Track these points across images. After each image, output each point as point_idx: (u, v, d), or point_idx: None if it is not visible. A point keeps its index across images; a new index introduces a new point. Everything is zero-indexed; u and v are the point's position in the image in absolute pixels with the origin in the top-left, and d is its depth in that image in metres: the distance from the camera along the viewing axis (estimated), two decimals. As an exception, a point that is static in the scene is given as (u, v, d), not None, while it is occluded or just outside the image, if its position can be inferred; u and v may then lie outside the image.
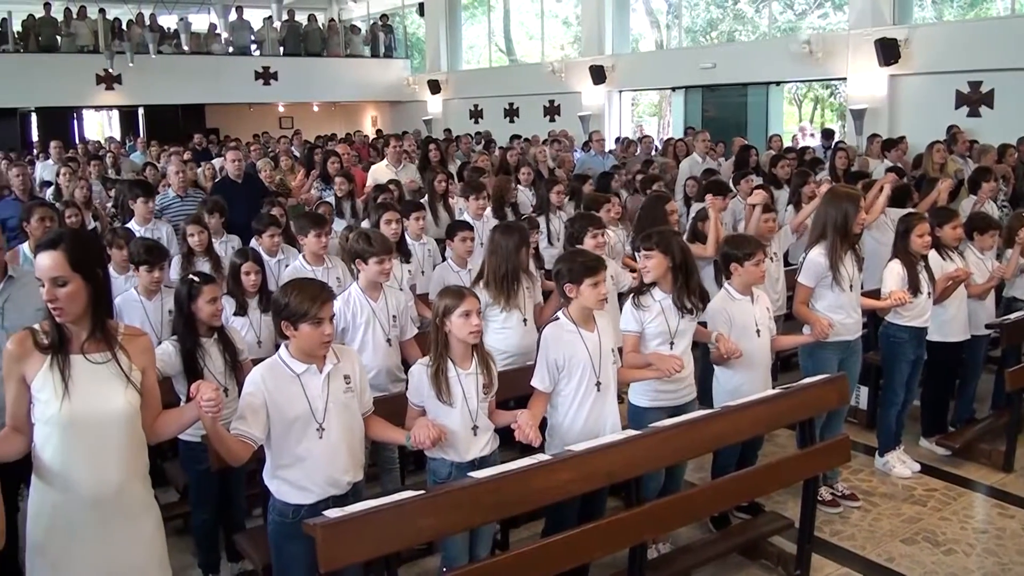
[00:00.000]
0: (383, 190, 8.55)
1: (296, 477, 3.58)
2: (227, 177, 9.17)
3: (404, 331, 5.26)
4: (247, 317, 5.51)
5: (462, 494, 3.63)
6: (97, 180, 11.17)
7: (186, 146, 16.51)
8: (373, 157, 14.78)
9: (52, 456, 3.09)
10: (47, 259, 3.01)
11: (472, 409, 4.00)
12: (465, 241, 6.19)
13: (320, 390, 3.58)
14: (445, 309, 3.95)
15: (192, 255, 6.50)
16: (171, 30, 23.45)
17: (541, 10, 23.59)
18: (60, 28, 21.97)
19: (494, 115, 23.22)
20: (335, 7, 28.82)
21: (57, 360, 3.06)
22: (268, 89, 23.98)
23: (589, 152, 14.13)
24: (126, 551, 3.20)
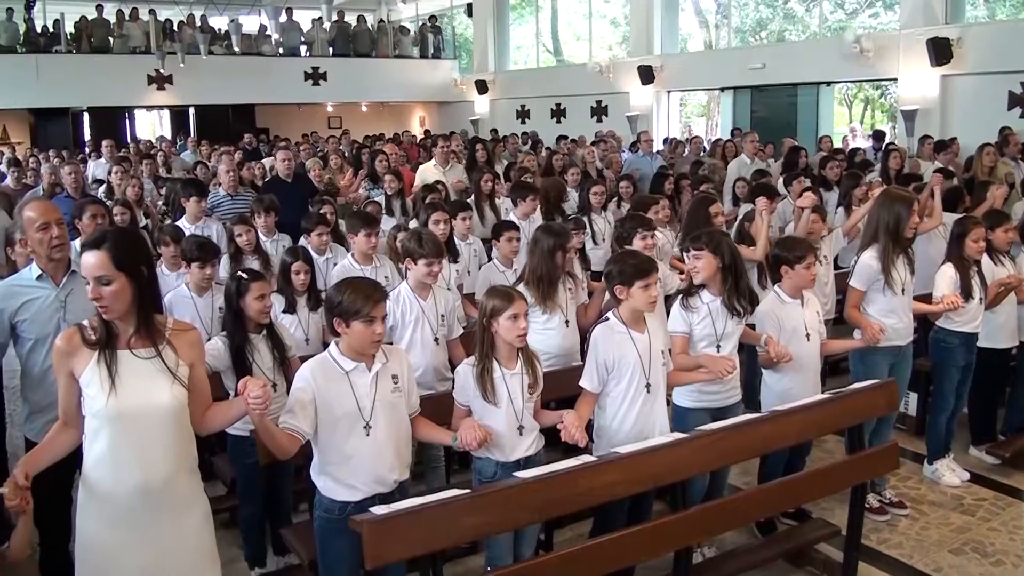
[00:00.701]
0: (431, 190, 8.60)
1: (343, 474, 3.62)
2: (277, 176, 9.28)
3: (452, 330, 5.29)
4: (296, 315, 5.57)
5: (507, 494, 3.64)
6: (148, 178, 11.36)
7: (236, 145, 16.71)
8: (421, 157, 14.86)
9: (100, 448, 3.16)
10: (91, 258, 3.08)
11: (517, 409, 4.00)
12: (511, 241, 6.20)
13: (368, 388, 3.61)
14: (493, 310, 3.96)
15: (240, 254, 6.58)
16: (222, 31, 23.73)
17: (589, 10, 23.52)
18: (112, 30, 22.32)
19: (541, 115, 23.21)
20: (384, 8, 28.98)
21: (104, 356, 3.12)
22: (317, 89, 24.17)
23: (637, 153, 14.08)
24: (174, 542, 3.25)
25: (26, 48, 21.67)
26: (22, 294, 4.10)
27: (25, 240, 4.23)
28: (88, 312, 3.71)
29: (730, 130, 17.16)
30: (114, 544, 3.19)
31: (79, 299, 4.10)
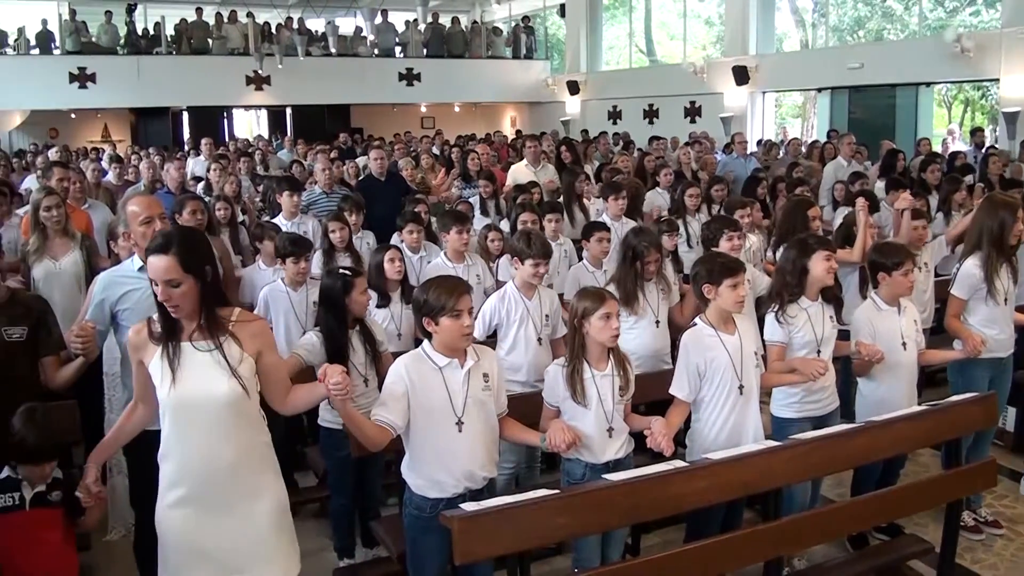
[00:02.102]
0: (523, 190, 8.62)
1: (434, 471, 3.66)
2: (371, 175, 9.42)
3: (555, 330, 5.27)
4: (389, 309, 5.64)
5: (597, 496, 3.64)
6: (246, 176, 11.59)
7: (332, 144, 16.97)
8: (512, 157, 14.89)
9: (168, 434, 3.32)
10: (160, 262, 3.19)
11: (607, 411, 3.99)
12: (601, 242, 6.17)
13: (460, 385, 3.65)
14: (584, 311, 3.95)
15: (333, 250, 6.68)
16: (319, 33, 24.10)
17: (684, 10, 23.31)
18: (211, 31, 22.92)
19: (633, 116, 23.05)
20: (478, 9, 29.12)
21: (168, 348, 3.25)
22: (411, 90, 24.42)
23: (731, 155, 13.91)
24: (244, 528, 3.35)
25: (127, 50, 22.42)
26: (123, 284, 4.22)
27: (128, 233, 4.35)
28: None
29: (826, 132, 16.82)
30: (186, 524, 3.32)
31: None
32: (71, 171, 7.80)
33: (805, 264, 4.65)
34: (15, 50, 22.05)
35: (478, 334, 4.81)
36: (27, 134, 24.23)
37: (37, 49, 21.97)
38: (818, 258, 4.64)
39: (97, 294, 4.26)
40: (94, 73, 21.38)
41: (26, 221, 6.43)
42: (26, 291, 5.05)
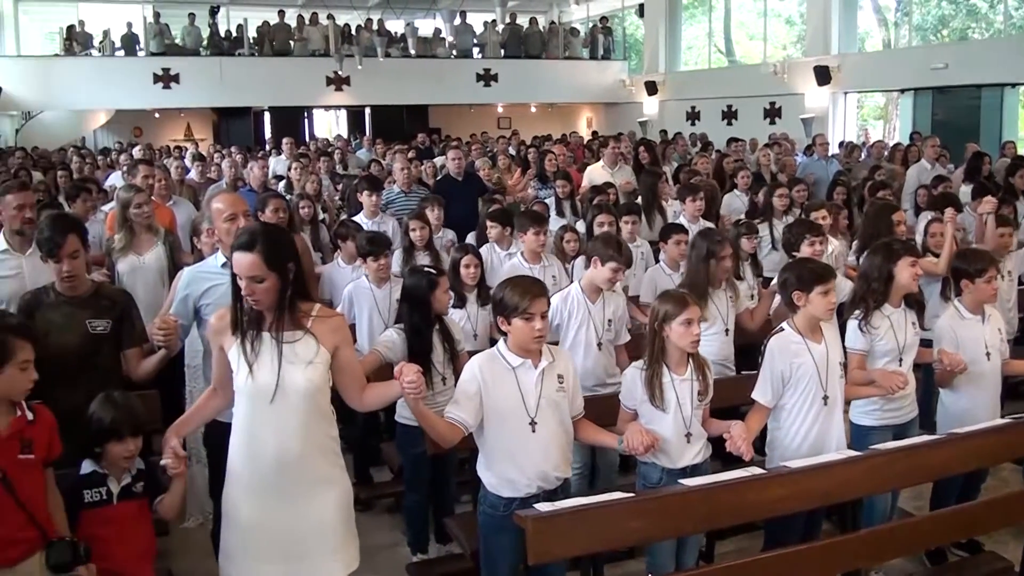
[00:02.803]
0: (600, 191, 8.59)
1: (508, 470, 3.67)
2: (448, 175, 9.48)
3: (619, 336, 5.23)
4: (465, 310, 5.66)
5: (673, 500, 3.62)
6: (326, 175, 11.74)
7: (410, 144, 17.12)
8: (588, 158, 14.85)
9: (241, 421, 3.39)
10: (245, 259, 3.24)
11: (686, 416, 3.95)
12: (679, 244, 6.11)
13: (533, 385, 3.65)
14: (666, 314, 3.92)
15: (413, 249, 6.72)
16: (398, 34, 24.35)
17: (764, 9, 23.01)
18: (293, 33, 23.30)
19: (711, 117, 22.80)
20: (556, 10, 29.09)
21: (248, 337, 3.31)
22: (488, 90, 24.50)
23: (812, 156, 13.67)
24: (308, 517, 3.40)
25: (210, 51, 22.93)
26: (207, 280, 4.30)
27: (212, 230, 4.44)
28: None
29: (908, 134, 16.45)
30: (252, 510, 3.39)
31: None
32: (156, 169, 7.98)
33: (890, 270, 4.55)
34: (101, 52, 22.72)
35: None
36: (112, 132, 25.03)
37: (122, 51, 22.63)
38: (903, 264, 4.54)
39: (181, 289, 4.35)
40: (177, 74, 21.88)
41: (111, 217, 6.59)
42: (111, 285, 5.17)
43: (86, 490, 3.50)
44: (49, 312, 4.13)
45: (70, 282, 4.15)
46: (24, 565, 3.21)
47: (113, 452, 3.51)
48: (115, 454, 3.51)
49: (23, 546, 3.21)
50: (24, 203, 5.12)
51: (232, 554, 3.45)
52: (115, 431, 3.50)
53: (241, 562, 3.42)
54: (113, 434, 3.50)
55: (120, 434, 3.51)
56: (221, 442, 4.31)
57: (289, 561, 3.38)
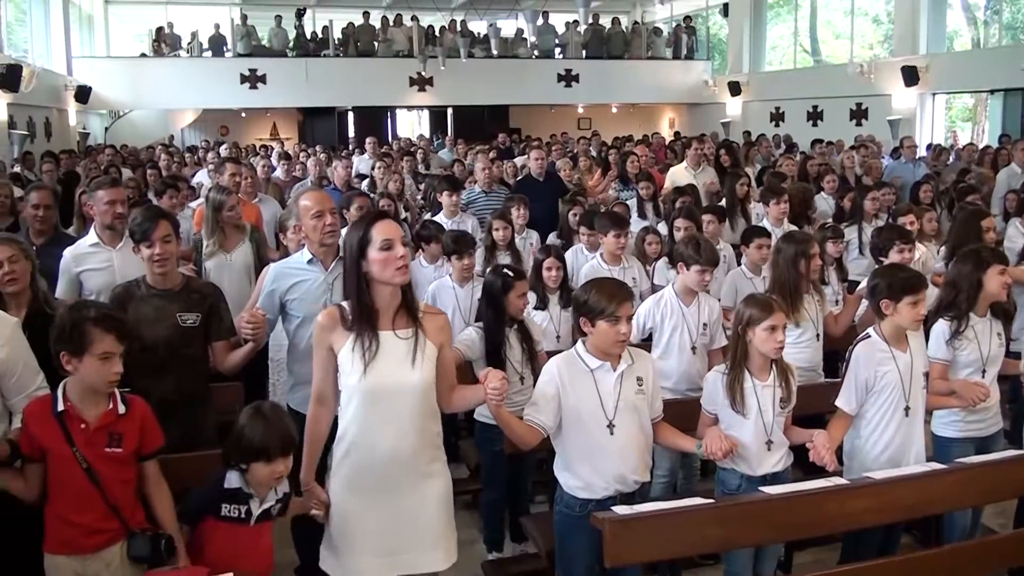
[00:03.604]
0: (682, 193, 8.52)
1: (585, 472, 3.66)
2: (529, 175, 9.49)
3: (714, 340, 5.15)
4: (547, 311, 5.66)
5: (752, 508, 3.58)
6: (408, 174, 11.83)
7: (491, 144, 17.18)
8: (670, 159, 14.74)
9: (352, 418, 3.41)
10: (394, 227, 3.36)
11: (767, 422, 3.90)
12: (761, 248, 6.03)
13: (612, 388, 3.64)
14: (750, 319, 3.87)
15: (495, 248, 6.75)
16: (480, 35, 24.46)
17: (851, 7, 22.52)
18: (377, 34, 23.60)
19: (796, 118, 22.40)
20: (639, 10, 28.92)
21: (363, 336, 3.34)
22: (569, 91, 24.44)
23: (899, 159, 13.38)
24: (414, 511, 3.45)
25: (296, 52, 23.30)
26: (293, 276, 4.40)
27: (299, 226, 4.51)
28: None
29: (998, 136, 15.98)
30: (358, 505, 3.44)
31: None
32: (243, 167, 8.14)
33: (979, 278, 4.42)
34: (189, 53, 23.30)
35: (632, 338, 4.77)
36: (199, 131, 25.64)
37: (210, 52, 23.18)
38: (992, 273, 4.41)
39: (268, 284, 4.45)
40: (264, 74, 22.33)
41: (199, 213, 6.75)
42: (200, 279, 5.29)
43: (225, 503, 3.40)
44: (140, 305, 4.22)
45: (162, 267, 4.22)
46: (104, 553, 3.28)
47: (259, 473, 3.38)
48: (262, 475, 3.39)
49: (105, 535, 3.28)
50: (115, 199, 5.25)
51: (336, 547, 3.52)
52: (264, 451, 3.35)
53: (346, 555, 3.49)
54: (262, 454, 3.36)
55: (269, 455, 3.36)
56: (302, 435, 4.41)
57: (393, 553, 3.44)
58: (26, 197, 6.09)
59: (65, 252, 5.20)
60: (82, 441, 3.21)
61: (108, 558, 3.29)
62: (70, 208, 7.41)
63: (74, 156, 14.51)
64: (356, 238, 3.36)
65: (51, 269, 5.01)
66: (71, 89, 20.70)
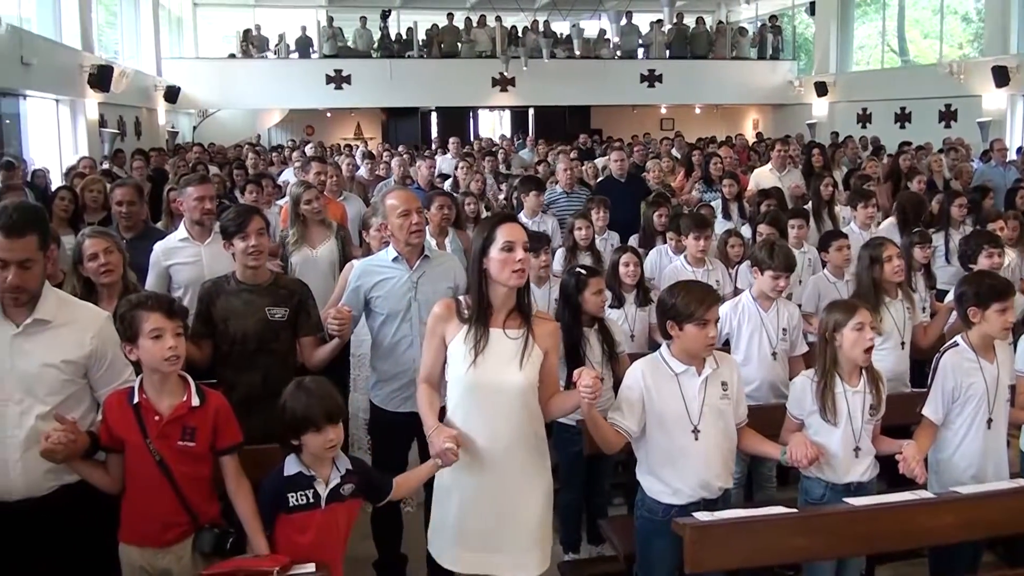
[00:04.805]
0: (767, 195, 8.39)
1: (669, 477, 3.63)
2: (611, 176, 9.46)
3: (794, 346, 5.07)
4: (623, 310, 5.62)
5: (836, 519, 3.52)
6: (490, 174, 11.89)
7: (572, 145, 17.16)
8: (754, 161, 14.56)
9: (455, 410, 3.52)
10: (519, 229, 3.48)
11: (855, 430, 3.81)
12: (841, 250, 5.92)
13: (697, 392, 3.60)
14: (836, 323, 3.80)
15: (576, 248, 6.73)
16: (563, 36, 24.47)
17: (940, 6, 21.97)
18: (461, 35, 23.77)
19: (883, 119, 21.91)
20: (723, 9, 28.63)
21: (475, 330, 3.42)
22: (652, 91, 24.26)
23: (989, 163, 13.01)
24: (512, 509, 3.50)
25: (381, 53, 23.65)
26: (378, 273, 4.45)
27: (385, 224, 4.56)
28: (436, 294, 4.14)
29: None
30: (459, 498, 3.53)
31: (430, 281, 4.43)
32: (328, 166, 8.25)
33: None
34: (276, 54, 23.84)
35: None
36: (285, 130, 26.17)
37: (296, 53, 23.67)
38: None
39: (353, 281, 4.51)
40: (349, 75, 22.64)
41: (285, 211, 6.86)
42: (287, 276, 5.38)
43: (291, 493, 3.30)
44: (230, 299, 4.31)
45: (256, 259, 4.31)
46: (176, 548, 3.33)
47: (312, 444, 3.28)
48: (315, 446, 3.28)
49: (177, 530, 3.32)
50: (204, 195, 5.38)
51: (438, 533, 3.64)
52: (310, 419, 3.25)
53: (445, 544, 3.61)
54: (309, 423, 3.25)
55: (316, 423, 3.25)
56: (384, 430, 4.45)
57: (488, 551, 3.50)
58: (112, 193, 6.28)
59: (155, 246, 5.34)
60: (155, 433, 3.25)
61: (180, 552, 3.33)
62: (159, 204, 7.61)
63: (163, 154, 14.88)
64: (482, 236, 3.46)
65: (140, 263, 5.14)
66: (160, 89, 21.26)
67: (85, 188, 7.23)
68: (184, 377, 3.39)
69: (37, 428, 3.18)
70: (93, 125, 16.43)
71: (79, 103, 16.09)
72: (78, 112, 16.14)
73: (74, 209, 7.04)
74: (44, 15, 15.56)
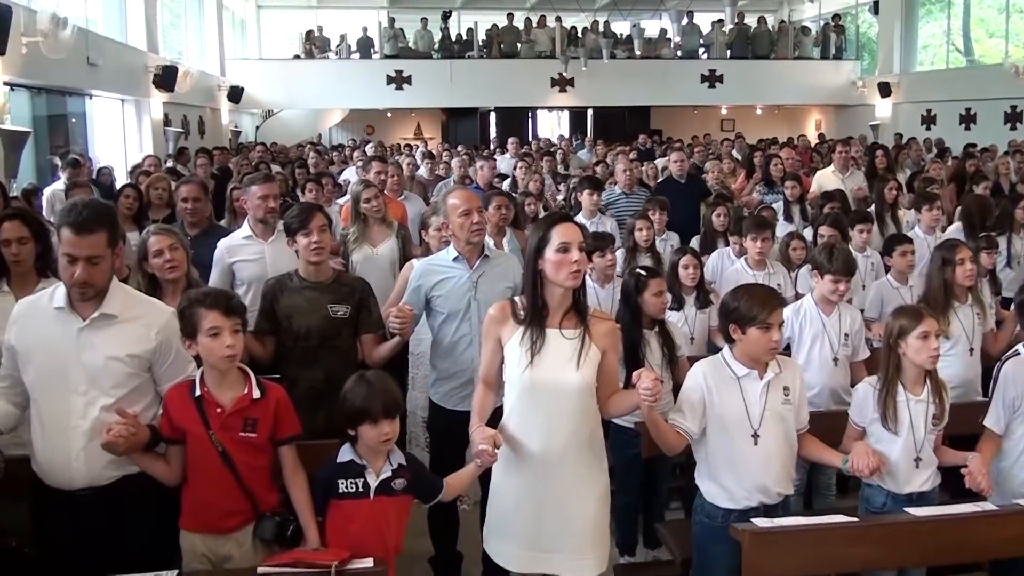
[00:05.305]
0: (829, 198, 8.28)
1: (728, 482, 3.60)
2: (671, 177, 9.41)
3: (856, 351, 4.98)
4: (683, 312, 5.60)
5: (898, 529, 3.47)
6: (548, 174, 11.88)
7: (631, 145, 17.09)
8: (816, 162, 14.39)
9: (511, 410, 3.52)
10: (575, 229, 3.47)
11: (918, 439, 3.76)
12: (905, 255, 5.83)
13: (758, 396, 3.57)
14: (900, 330, 3.75)
15: (636, 250, 6.70)
16: (623, 36, 24.38)
17: (1005, 5, 21.45)
18: (521, 36, 23.84)
19: (948, 121, 21.40)
20: (786, 8, 28.31)
21: (531, 331, 3.43)
22: (713, 92, 24.04)
23: (1054, 165, 12.69)
24: (567, 511, 3.49)
25: (441, 54, 23.81)
26: (438, 272, 4.50)
27: (445, 224, 4.59)
28: (496, 294, 4.16)
29: None
30: (513, 497, 3.54)
31: (489, 280, 4.47)
32: (388, 165, 8.31)
33: None
34: (337, 55, 24.09)
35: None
36: (345, 130, 26.48)
37: (357, 54, 23.89)
38: None
39: (414, 280, 4.56)
40: (410, 76, 22.81)
41: (346, 210, 6.94)
42: (349, 273, 5.44)
43: (341, 480, 3.38)
44: (293, 296, 4.39)
45: (318, 255, 4.38)
46: (237, 534, 3.39)
47: (368, 436, 3.34)
48: (370, 438, 3.34)
49: (238, 517, 3.39)
50: (267, 193, 5.45)
51: (493, 531, 3.66)
52: (367, 412, 3.31)
53: (499, 541, 3.63)
54: (366, 415, 3.32)
55: (373, 416, 3.31)
56: (442, 427, 4.48)
57: (541, 551, 3.50)
58: (177, 191, 6.40)
59: (219, 243, 5.44)
60: (218, 425, 3.31)
61: (240, 539, 3.39)
62: (222, 202, 7.73)
63: (226, 153, 15.09)
64: (537, 236, 3.46)
65: (204, 259, 5.26)
66: (224, 89, 21.61)
67: (150, 186, 7.37)
68: (244, 370, 3.45)
69: (101, 419, 3.26)
70: (158, 124, 16.74)
71: (144, 103, 16.41)
72: (143, 111, 16.47)
73: (138, 206, 7.18)
74: (110, 17, 15.93)
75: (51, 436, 3.34)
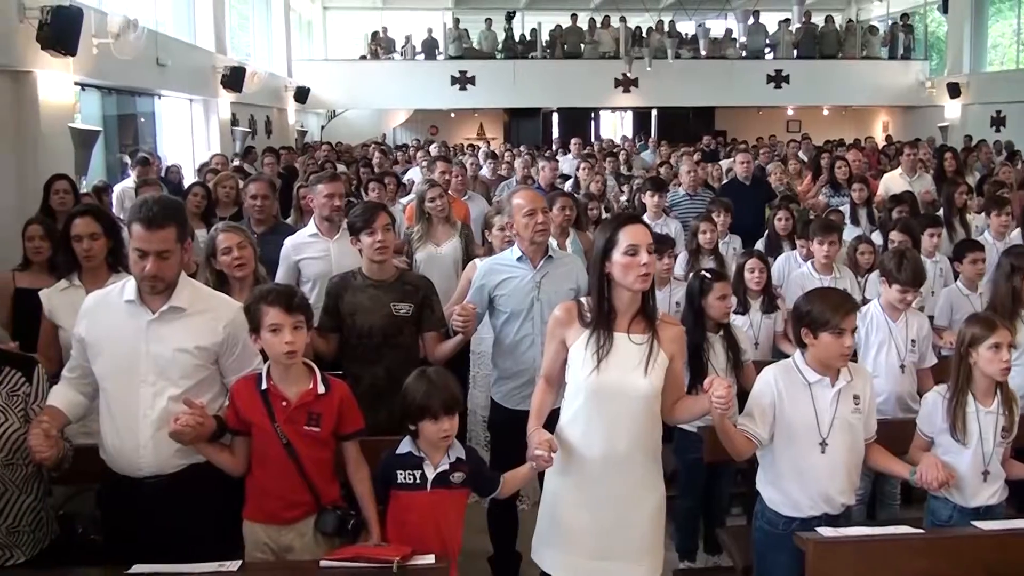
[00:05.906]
0: (898, 201, 8.15)
1: (792, 489, 3.56)
2: (735, 178, 9.32)
3: (923, 358, 4.90)
4: (748, 317, 5.56)
5: (963, 543, 3.41)
6: (611, 175, 11.86)
7: (695, 147, 16.98)
8: (884, 165, 14.17)
9: (574, 414, 3.48)
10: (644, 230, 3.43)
11: (986, 451, 3.68)
12: (975, 263, 5.73)
13: (828, 404, 3.52)
14: (972, 339, 3.67)
15: (699, 252, 6.67)
16: (688, 36, 24.23)
17: (1077, 2, 20.97)
18: (584, 36, 23.84)
19: (1019, 123, 20.78)
20: (854, 7, 27.89)
21: (598, 334, 3.40)
22: (779, 92, 23.77)
23: None
24: (625, 517, 3.46)
25: (504, 55, 23.93)
26: (502, 272, 4.51)
27: (510, 223, 4.61)
28: (559, 294, 4.17)
29: None
30: (570, 502, 3.50)
31: (553, 281, 4.46)
32: (452, 165, 8.36)
33: None
34: (402, 55, 24.40)
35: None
36: (409, 130, 26.71)
37: (422, 55, 24.16)
38: None
39: (477, 279, 4.58)
40: (473, 76, 22.95)
41: (410, 209, 7.01)
42: (412, 272, 5.49)
43: (399, 470, 3.44)
44: (356, 294, 4.43)
45: (382, 254, 4.42)
46: (299, 525, 3.44)
47: (427, 431, 3.39)
48: (430, 433, 3.39)
49: (300, 509, 3.43)
50: (333, 192, 5.53)
51: (544, 538, 3.61)
52: (427, 408, 3.36)
53: (552, 549, 3.58)
54: (426, 411, 3.37)
55: (433, 412, 3.36)
56: (503, 426, 4.49)
57: (596, 558, 3.48)
58: (245, 188, 6.52)
59: (286, 241, 5.54)
60: (283, 418, 3.36)
61: (302, 530, 3.43)
62: (288, 200, 7.84)
63: (293, 152, 15.32)
64: (604, 238, 3.42)
65: (270, 256, 5.32)
66: (290, 90, 21.92)
67: (218, 183, 7.51)
68: (309, 366, 3.50)
69: (168, 409, 3.33)
70: (225, 124, 17.03)
71: (212, 102, 16.69)
72: (211, 111, 16.75)
73: (206, 204, 7.32)
74: (179, 19, 16.22)
75: (120, 425, 3.42)
